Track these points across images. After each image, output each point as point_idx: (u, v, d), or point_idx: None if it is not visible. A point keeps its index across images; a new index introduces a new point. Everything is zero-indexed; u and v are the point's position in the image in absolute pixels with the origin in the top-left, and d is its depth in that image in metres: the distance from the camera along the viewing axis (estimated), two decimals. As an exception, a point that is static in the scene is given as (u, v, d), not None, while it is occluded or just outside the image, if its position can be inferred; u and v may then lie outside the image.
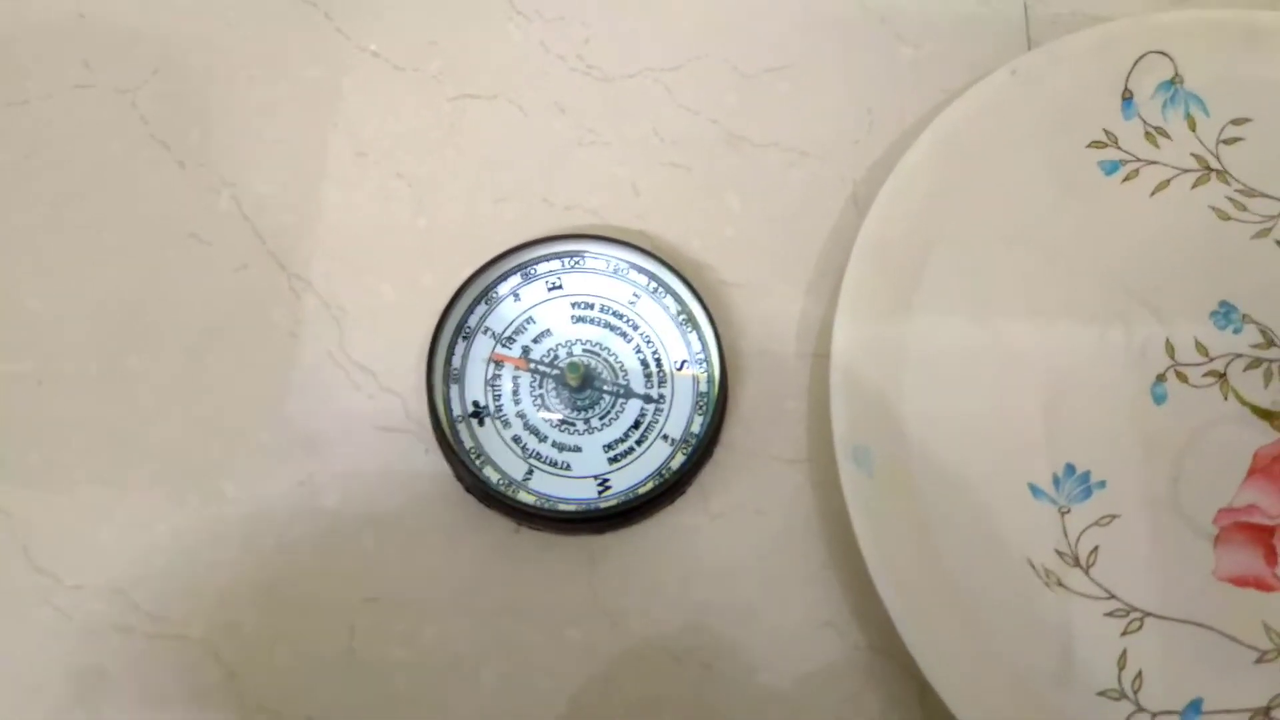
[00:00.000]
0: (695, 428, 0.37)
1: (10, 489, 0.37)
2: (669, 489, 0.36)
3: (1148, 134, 0.41)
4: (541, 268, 0.39)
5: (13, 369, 0.38)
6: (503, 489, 0.36)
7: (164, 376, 0.38)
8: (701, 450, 0.36)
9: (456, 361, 0.38)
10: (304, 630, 0.35)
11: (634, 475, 0.37)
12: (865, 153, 0.42)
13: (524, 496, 0.36)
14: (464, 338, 0.38)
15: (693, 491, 0.37)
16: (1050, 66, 0.41)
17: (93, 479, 0.37)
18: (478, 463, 0.36)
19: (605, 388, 0.38)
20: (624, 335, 0.38)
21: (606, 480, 0.37)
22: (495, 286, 0.38)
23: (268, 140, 0.42)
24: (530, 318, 0.38)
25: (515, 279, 0.39)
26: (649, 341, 0.38)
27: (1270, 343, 0.38)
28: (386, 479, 0.37)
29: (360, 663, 0.35)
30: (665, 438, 0.37)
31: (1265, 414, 0.37)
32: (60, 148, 0.41)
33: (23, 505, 0.37)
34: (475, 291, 0.38)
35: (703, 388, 0.38)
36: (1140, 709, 0.33)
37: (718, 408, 0.37)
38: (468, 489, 0.36)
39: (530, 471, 0.36)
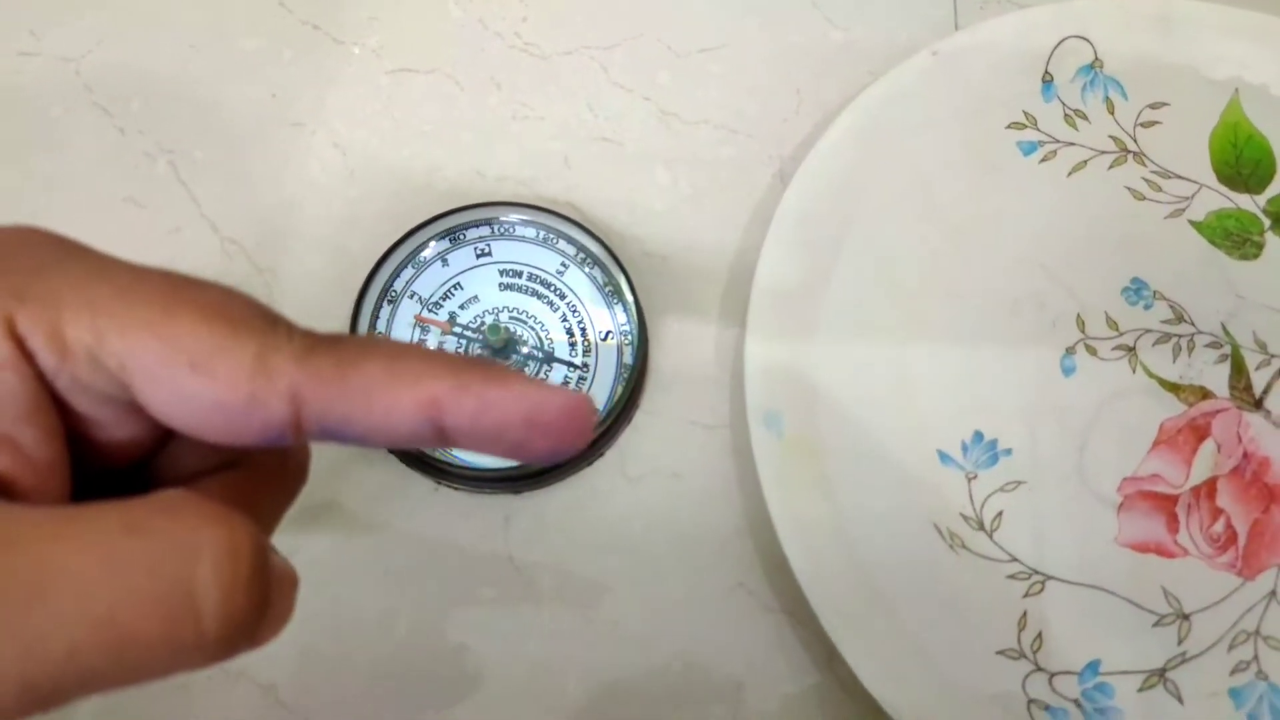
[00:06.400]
0: (617, 395, 0.38)
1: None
2: (585, 451, 0.36)
3: (1067, 116, 0.41)
4: (470, 234, 0.40)
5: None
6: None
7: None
8: (618, 414, 0.37)
9: (381, 325, 0.38)
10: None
11: (555, 439, 0.37)
12: (793, 131, 0.43)
13: (443, 455, 0.36)
14: (389, 301, 0.38)
15: (611, 455, 0.38)
16: (971, 49, 0.41)
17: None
18: (399, 423, 0.37)
19: (527, 352, 0.38)
20: (550, 304, 0.39)
21: (527, 443, 0.37)
22: (421, 250, 0.39)
23: (206, 108, 0.42)
24: (458, 283, 0.39)
25: (444, 243, 0.39)
26: (575, 311, 0.39)
27: (1179, 319, 0.39)
28: (309, 438, 0.38)
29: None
30: (587, 403, 0.38)
31: (1172, 387, 0.38)
32: (3, 111, 0.42)
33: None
34: (401, 255, 0.39)
35: (627, 359, 0.38)
36: (1038, 669, 0.34)
37: (636, 374, 0.37)
38: (389, 448, 0.37)
39: (451, 433, 0.37)
